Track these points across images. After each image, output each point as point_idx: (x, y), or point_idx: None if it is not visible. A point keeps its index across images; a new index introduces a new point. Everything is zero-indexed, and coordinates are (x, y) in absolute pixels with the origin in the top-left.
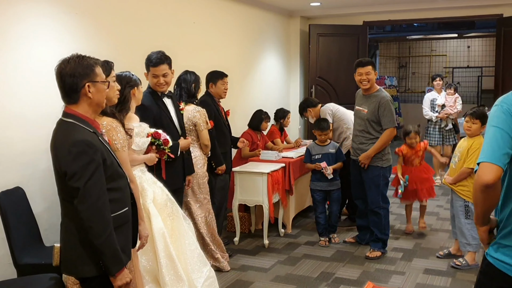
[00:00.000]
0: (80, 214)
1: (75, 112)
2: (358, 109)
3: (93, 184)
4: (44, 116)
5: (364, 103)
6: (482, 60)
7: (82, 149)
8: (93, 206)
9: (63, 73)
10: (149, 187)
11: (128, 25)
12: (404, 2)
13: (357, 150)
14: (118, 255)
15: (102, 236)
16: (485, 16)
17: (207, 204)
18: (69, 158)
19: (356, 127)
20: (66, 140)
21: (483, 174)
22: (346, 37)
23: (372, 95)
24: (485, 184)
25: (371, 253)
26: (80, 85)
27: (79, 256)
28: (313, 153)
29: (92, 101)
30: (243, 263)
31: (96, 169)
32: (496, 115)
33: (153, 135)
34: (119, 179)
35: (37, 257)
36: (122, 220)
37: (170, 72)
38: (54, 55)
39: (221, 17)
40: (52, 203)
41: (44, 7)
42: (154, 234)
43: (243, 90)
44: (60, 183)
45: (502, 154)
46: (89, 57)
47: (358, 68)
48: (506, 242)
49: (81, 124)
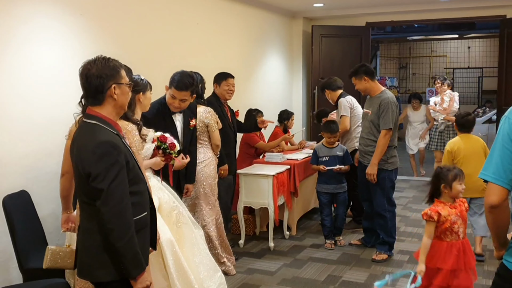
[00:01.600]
0: (103, 216)
1: (99, 113)
2: (365, 112)
3: (116, 186)
4: (49, 119)
5: (370, 105)
6: (483, 61)
7: (106, 150)
8: (116, 208)
9: (89, 74)
10: (155, 195)
11: (132, 27)
12: (407, 3)
13: (364, 153)
14: (139, 258)
15: (124, 238)
16: (488, 17)
17: (218, 206)
18: (93, 159)
19: (363, 130)
20: (90, 141)
21: (488, 195)
22: (349, 38)
23: (376, 96)
24: (490, 205)
25: (377, 255)
26: (106, 86)
27: (96, 260)
28: (320, 154)
29: (117, 103)
30: (249, 266)
31: (120, 170)
32: (502, 130)
33: (159, 139)
34: (140, 182)
35: (43, 261)
36: (142, 224)
37: (190, 99)
38: (59, 57)
39: (224, 18)
40: (58, 206)
41: (48, 9)
42: (162, 244)
43: (246, 91)
44: (81, 185)
45: (508, 175)
46: (114, 59)
47: (352, 79)
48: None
49: (104, 126)
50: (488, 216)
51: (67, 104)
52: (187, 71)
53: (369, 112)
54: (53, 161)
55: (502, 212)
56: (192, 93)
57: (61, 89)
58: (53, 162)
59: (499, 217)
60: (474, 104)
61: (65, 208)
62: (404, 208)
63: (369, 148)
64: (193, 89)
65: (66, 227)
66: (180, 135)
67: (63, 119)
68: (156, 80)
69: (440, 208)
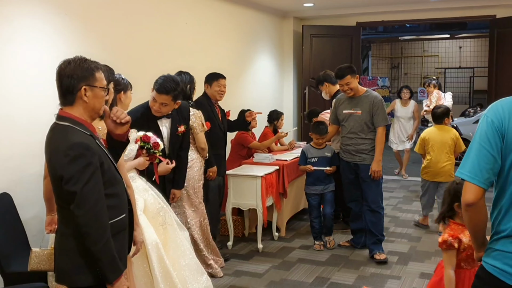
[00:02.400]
0: (77, 220)
1: (70, 114)
2: (350, 112)
3: (90, 189)
4: (32, 120)
5: (356, 105)
6: (474, 60)
7: (79, 152)
8: (91, 211)
9: (62, 73)
10: (140, 196)
11: (119, 26)
12: (398, 3)
13: (356, 152)
14: (116, 262)
15: (100, 242)
16: (478, 17)
17: (202, 208)
18: (65, 161)
19: (350, 130)
20: (62, 143)
21: (464, 193)
22: (339, 38)
23: (362, 96)
24: (466, 203)
25: (379, 255)
26: (77, 88)
27: (74, 265)
28: (308, 156)
29: (88, 105)
30: (237, 268)
31: (94, 172)
32: (480, 129)
33: (142, 139)
34: (117, 184)
35: (24, 265)
36: (119, 227)
37: (171, 104)
38: (43, 57)
39: (214, 18)
40: (41, 209)
41: (32, 8)
42: (147, 247)
43: (237, 91)
44: (56, 188)
45: (484, 174)
46: (92, 60)
47: (338, 81)
48: (497, 246)
49: (77, 127)
50: (464, 215)
51: (51, 105)
52: (173, 76)
53: (358, 112)
54: (36, 162)
55: (478, 212)
56: (174, 98)
57: (45, 89)
58: (36, 163)
59: (475, 216)
60: (465, 104)
61: (49, 210)
62: (394, 209)
63: (362, 146)
64: (175, 95)
65: (50, 229)
66: (166, 140)
67: (47, 120)
68: (144, 81)
69: (459, 232)
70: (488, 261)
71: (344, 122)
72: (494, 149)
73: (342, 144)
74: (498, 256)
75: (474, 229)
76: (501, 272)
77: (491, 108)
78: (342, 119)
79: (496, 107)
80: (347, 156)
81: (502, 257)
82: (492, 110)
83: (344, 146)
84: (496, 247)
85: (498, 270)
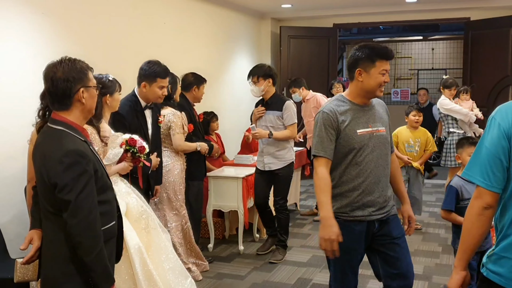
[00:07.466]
0: (71, 229)
1: (65, 119)
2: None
3: (85, 197)
4: (9, 121)
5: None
6: (447, 62)
7: (74, 159)
8: (84, 221)
9: (55, 77)
10: (122, 199)
11: (97, 25)
12: (374, 4)
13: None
14: (108, 271)
15: (93, 252)
16: (452, 19)
17: (184, 212)
18: (60, 168)
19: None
20: (57, 149)
21: (480, 197)
22: (316, 39)
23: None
24: (484, 205)
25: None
26: (74, 90)
27: (62, 273)
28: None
29: (85, 107)
30: (219, 270)
31: (88, 181)
32: (491, 134)
33: (128, 142)
34: (108, 190)
35: (1, 271)
36: (109, 235)
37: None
38: (21, 57)
39: (192, 18)
40: (19, 213)
41: (9, 7)
42: (129, 250)
43: (213, 93)
44: (46, 194)
45: (498, 181)
46: (78, 59)
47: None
48: (503, 253)
49: (71, 132)
50: (475, 219)
51: (30, 106)
52: (153, 59)
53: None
54: (14, 165)
55: (489, 218)
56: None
57: (23, 90)
58: (14, 166)
59: (487, 220)
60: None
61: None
62: None
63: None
64: None
65: (26, 247)
66: (150, 131)
67: (25, 121)
68: (121, 80)
69: None
70: (491, 268)
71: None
72: (498, 152)
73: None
74: (503, 263)
75: (471, 242)
76: (502, 281)
77: (499, 109)
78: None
79: (503, 108)
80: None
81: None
82: (499, 111)
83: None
84: (503, 254)
85: (500, 277)
